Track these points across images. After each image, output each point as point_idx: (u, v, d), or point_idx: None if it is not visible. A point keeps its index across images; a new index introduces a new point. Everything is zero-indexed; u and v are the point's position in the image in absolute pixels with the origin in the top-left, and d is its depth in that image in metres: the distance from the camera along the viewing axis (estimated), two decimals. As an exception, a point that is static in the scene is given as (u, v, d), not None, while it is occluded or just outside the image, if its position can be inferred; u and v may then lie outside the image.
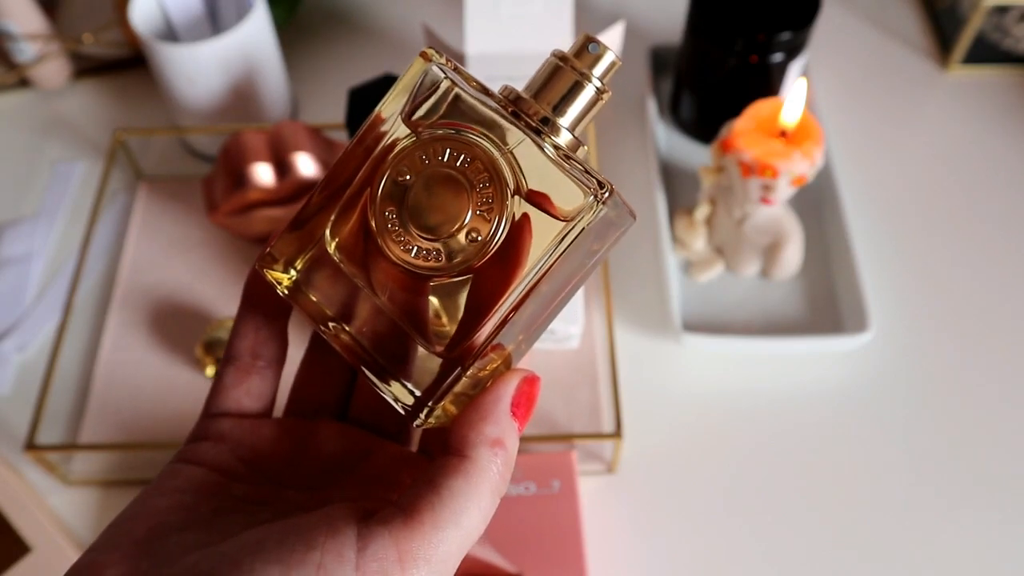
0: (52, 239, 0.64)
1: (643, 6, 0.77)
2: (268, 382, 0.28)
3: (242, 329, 0.28)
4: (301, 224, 0.26)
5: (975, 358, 0.57)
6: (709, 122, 0.63)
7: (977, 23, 0.68)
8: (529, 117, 0.25)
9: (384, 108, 0.26)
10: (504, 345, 0.25)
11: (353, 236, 0.26)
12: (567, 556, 0.48)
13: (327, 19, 0.77)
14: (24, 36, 0.69)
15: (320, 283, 0.26)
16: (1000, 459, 0.53)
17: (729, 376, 0.56)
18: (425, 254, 0.24)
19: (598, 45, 0.25)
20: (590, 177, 0.24)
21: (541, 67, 0.26)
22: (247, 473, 0.26)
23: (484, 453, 0.23)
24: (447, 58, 0.26)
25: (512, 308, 0.24)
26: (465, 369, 0.24)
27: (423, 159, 0.25)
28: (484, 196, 0.24)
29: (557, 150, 0.24)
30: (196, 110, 0.63)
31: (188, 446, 0.27)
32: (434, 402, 0.25)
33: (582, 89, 0.25)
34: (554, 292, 0.25)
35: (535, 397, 0.25)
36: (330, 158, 0.58)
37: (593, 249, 0.25)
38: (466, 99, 0.25)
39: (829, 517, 0.51)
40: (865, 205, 0.64)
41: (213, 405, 0.28)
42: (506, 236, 0.24)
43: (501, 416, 0.24)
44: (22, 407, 0.56)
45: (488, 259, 0.24)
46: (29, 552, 0.49)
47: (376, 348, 0.26)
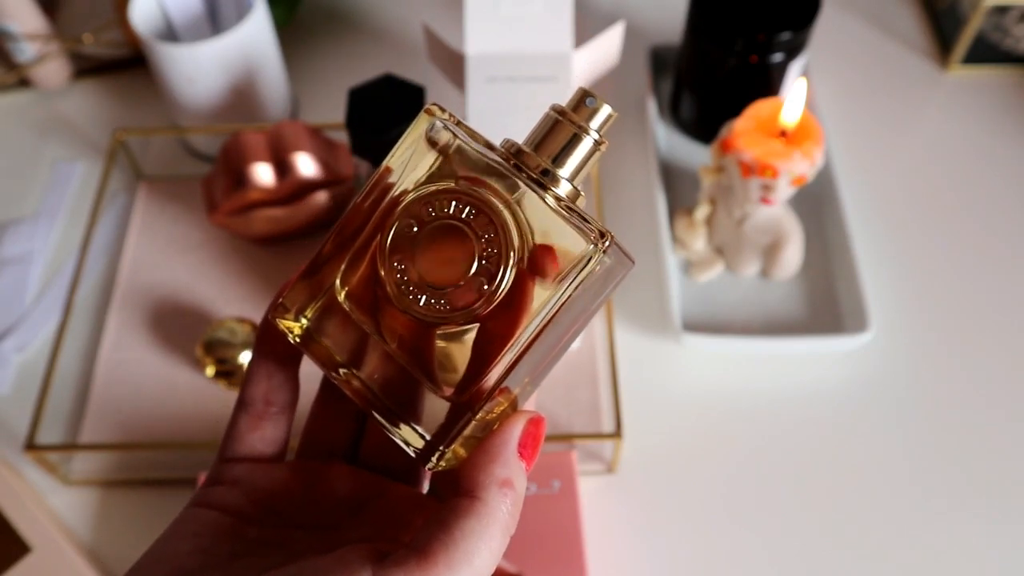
0: (52, 239, 0.64)
1: (643, 6, 0.77)
2: (281, 427, 0.29)
3: (255, 376, 0.28)
4: (312, 273, 0.27)
5: (975, 358, 0.57)
6: (709, 122, 0.63)
7: (977, 23, 0.68)
8: (530, 169, 0.26)
9: (391, 160, 0.27)
10: (511, 388, 0.26)
11: (363, 285, 0.27)
12: (567, 556, 0.48)
13: (327, 19, 0.77)
14: (24, 36, 0.69)
15: (331, 330, 0.27)
16: (1000, 459, 0.53)
17: (729, 376, 0.56)
18: (432, 303, 0.25)
19: (594, 99, 0.27)
20: (590, 226, 0.25)
21: (540, 121, 0.27)
22: (261, 516, 0.27)
23: (494, 494, 0.24)
24: (450, 113, 0.27)
25: (518, 354, 0.25)
26: (474, 413, 0.25)
27: (429, 211, 0.26)
28: (489, 246, 0.25)
29: (558, 200, 0.25)
30: (196, 110, 0.63)
31: (204, 490, 0.28)
32: (444, 446, 0.26)
33: (580, 141, 0.26)
34: (557, 337, 0.26)
35: (541, 437, 0.26)
36: (330, 158, 0.58)
37: (594, 294, 0.26)
38: (469, 153, 0.26)
39: (829, 517, 0.51)
40: (865, 205, 0.64)
41: (228, 450, 0.29)
42: (511, 284, 0.25)
43: (509, 458, 0.25)
44: (22, 407, 0.56)
45: (494, 307, 0.25)
46: (29, 552, 0.49)
47: (386, 393, 0.27)
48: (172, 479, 0.53)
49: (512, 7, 0.54)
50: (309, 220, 0.59)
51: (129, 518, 0.52)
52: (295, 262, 0.61)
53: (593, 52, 0.56)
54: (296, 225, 0.59)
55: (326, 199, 0.58)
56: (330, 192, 0.58)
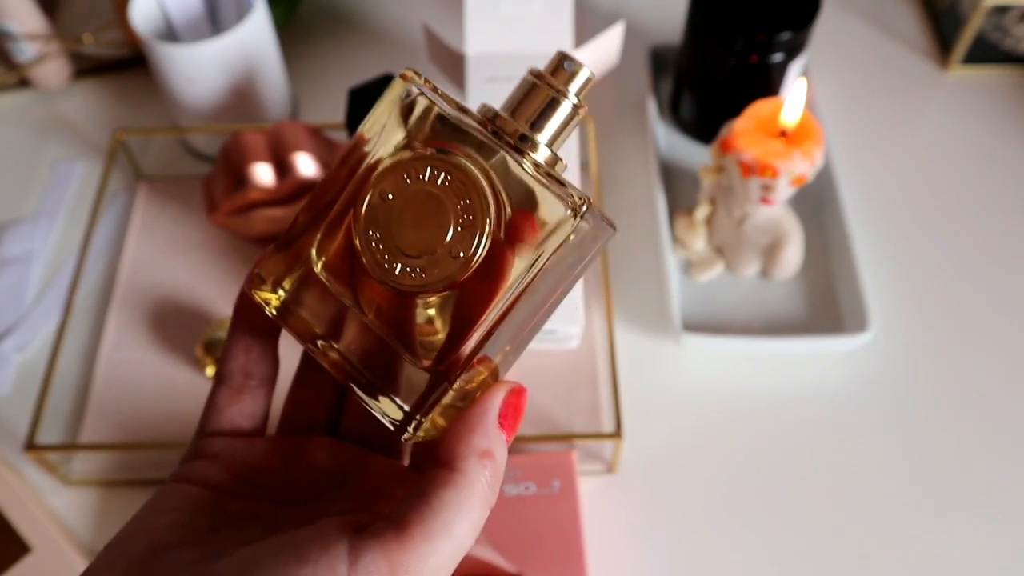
0: (52, 239, 0.64)
1: (643, 6, 0.77)
2: (260, 401, 0.29)
3: (233, 349, 0.28)
4: (288, 244, 0.27)
5: (975, 358, 0.57)
6: (709, 122, 0.63)
7: (977, 23, 0.68)
8: (507, 135, 0.26)
9: (365, 128, 0.26)
10: (491, 357, 0.26)
11: (339, 255, 0.26)
12: (567, 556, 0.48)
13: (327, 19, 0.77)
14: (24, 36, 0.69)
15: (308, 302, 0.27)
16: (1000, 459, 0.53)
17: (729, 376, 0.56)
18: (408, 272, 0.25)
19: (573, 62, 0.26)
20: (568, 191, 0.24)
21: (517, 85, 0.27)
22: (242, 490, 0.27)
23: (473, 465, 0.24)
24: (425, 78, 0.26)
25: (496, 321, 0.24)
26: (451, 382, 0.25)
27: (404, 178, 0.25)
28: (465, 213, 0.25)
29: (536, 166, 0.25)
30: (196, 110, 0.63)
31: (183, 465, 0.27)
32: (421, 415, 0.25)
33: (558, 105, 0.26)
34: (538, 303, 0.26)
35: (522, 408, 0.26)
36: (330, 158, 0.58)
37: (575, 261, 0.26)
38: (446, 118, 0.26)
39: (829, 517, 0.51)
40: (865, 205, 0.64)
41: (207, 424, 0.28)
42: (488, 251, 0.25)
43: (489, 428, 0.25)
44: (22, 407, 0.56)
45: (471, 275, 0.25)
46: (29, 552, 0.49)
47: (365, 364, 0.26)
48: (172, 479, 0.53)
49: (512, 7, 0.54)
50: (309, 220, 0.59)
51: (129, 518, 0.52)
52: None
53: (593, 52, 0.56)
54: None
55: (326, 199, 0.58)
56: (330, 192, 0.58)
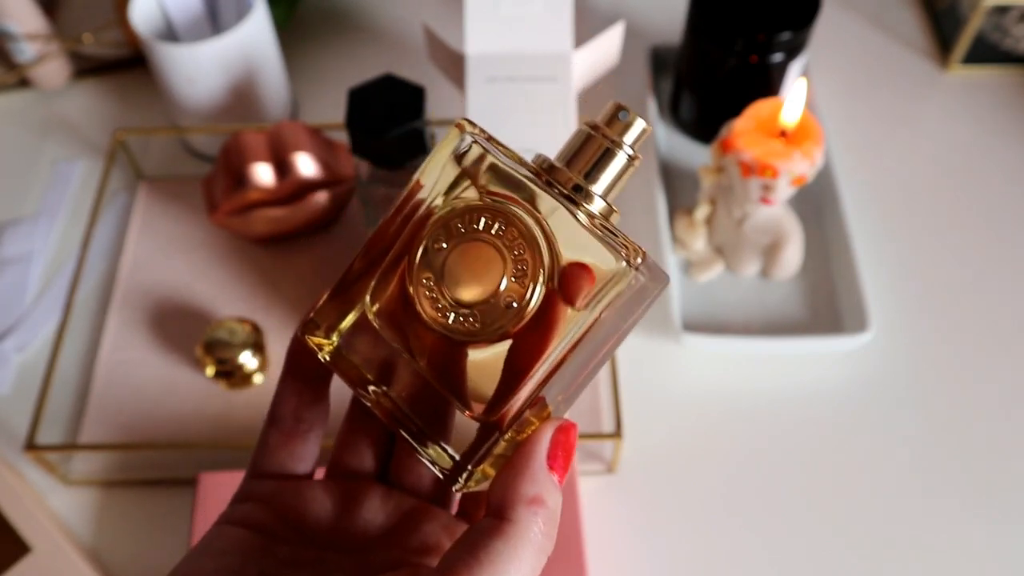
0: (52, 239, 0.64)
1: (643, 6, 0.77)
2: (311, 444, 0.29)
3: (285, 392, 0.28)
4: (343, 290, 0.27)
5: (975, 358, 0.57)
6: (709, 122, 0.63)
7: (977, 23, 0.68)
8: (562, 185, 0.26)
9: (422, 176, 0.26)
10: (544, 404, 0.25)
11: (393, 302, 0.26)
12: (567, 556, 0.48)
13: (327, 19, 0.77)
14: (24, 36, 0.69)
15: (361, 347, 0.27)
16: (1000, 459, 0.53)
17: (729, 376, 0.56)
18: (461, 320, 0.25)
19: (628, 113, 0.26)
20: (623, 243, 0.24)
21: (572, 136, 0.27)
22: (291, 535, 0.27)
23: (523, 513, 0.23)
24: (480, 128, 0.26)
25: (547, 373, 0.24)
26: (503, 433, 0.25)
27: (459, 227, 0.25)
28: (519, 263, 0.25)
29: (591, 217, 0.25)
30: (196, 110, 0.63)
31: (233, 507, 0.27)
32: (472, 466, 0.25)
33: (613, 156, 0.26)
34: (591, 355, 0.26)
35: (573, 446, 0.25)
36: (330, 158, 0.58)
37: (627, 312, 0.26)
38: (501, 168, 0.26)
39: (829, 517, 0.51)
40: (865, 205, 0.64)
41: (258, 466, 0.28)
42: (541, 302, 0.24)
43: (538, 472, 0.24)
44: (22, 407, 0.55)
45: (524, 325, 0.25)
46: (29, 552, 0.49)
47: (415, 411, 0.26)
48: (172, 479, 0.53)
49: (512, 7, 0.54)
50: (309, 220, 0.59)
51: (129, 518, 0.52)
52: (295, 262, 0.61)
53: (593, 52, 0.56)
54: (296, 225, 0.59)
55: (326, 199, 0.58)
56: (330, 192, 0.58)
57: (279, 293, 0.60)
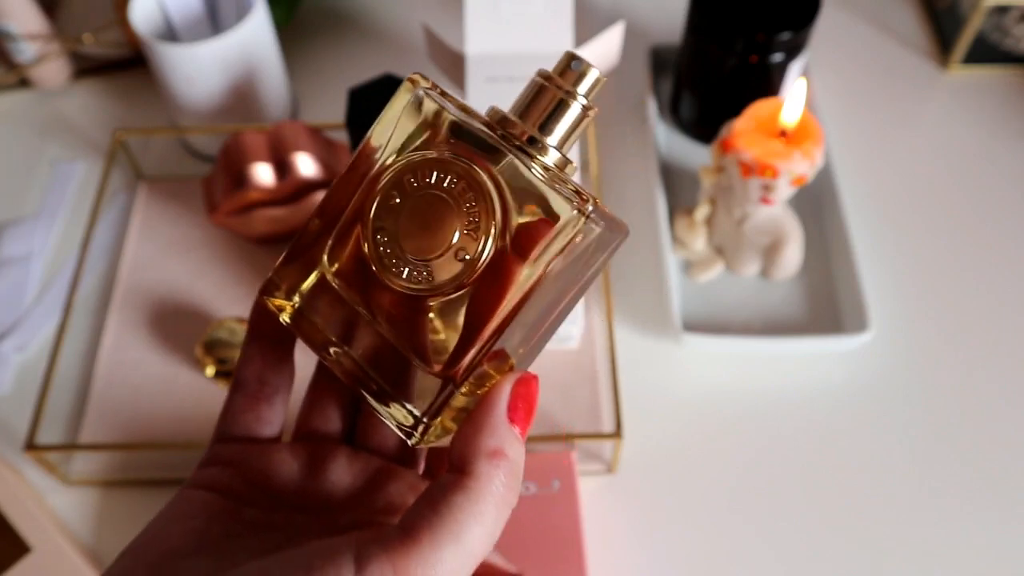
0: (52, 239, 0.64)
1: (643, 6, 0.77)
2: (276, 407, 0.28)
3: (249, 356, 0.28)
4: (301, 251, 0.27)
5: (975, 358, 0.57)
6: (709, 122, 0.63)
7: (977, 23, 0.68)
8: (516, 137, 0.26)
9: (374, 135, 0.26)
10: (505, 357, 0.25)
11: (351, 261, 0.26)
12: (567, 556, 0.48)
13: (327, 19, 0.77)
14: (24, 36, 0.69)
15: (322, 308, 0.27)
16: (1000, 458, 0.53)
17: (729, 376, 0.56)
18: (415, 275, 0.25)
19: (581, 62, 0.26)
20: (575, 192, 0.24)
21: (525, 87, 0.26)
22: (258, 498, 0.26)
23: (483, 466, 0.23)
24: (433, 82, 0.26)
25: (503, 324, 0.24)
26: (458, 385, 0.25)
27: (411, 182, 0.25)
28: (471, 215, 0.25)
29: (545, 169, 0.25)
30: (196, 110, 0.63)
31: (199, 471, 0.27)
32: (429, 419, 0.25)
33: (567, 107, 0.26)
34: (549, 305, 0.26)
35: (534, 398, 0.25)
36: (330, 158, 0.58)
37: (585, 263, 0.26)
38: (453, 121, 0.25)
39: (829, 517, 0.51)
40: (865, 205, 0.64)
41: (223, 430, 0.28)
42: (495, 254, 0.24)
43: (498, 425, 0.24)
44: (22, 407, 0.55)
45: (479, 277, 0.24)
46: (29, 552, 0.49)
47: (377, 371, 0.26)
48: (172, 479, 0.53)
49: (512, 7, 0.54)
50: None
51: (129, 518, 0.52)
52: (295, 262, 0.61)
53: (593, 52, 0.56)
54: (296, 225, 0.59)
55: (326, 199, 0.58)
56: (330, 192, 0.58)
57: (279, 293, 0.60)
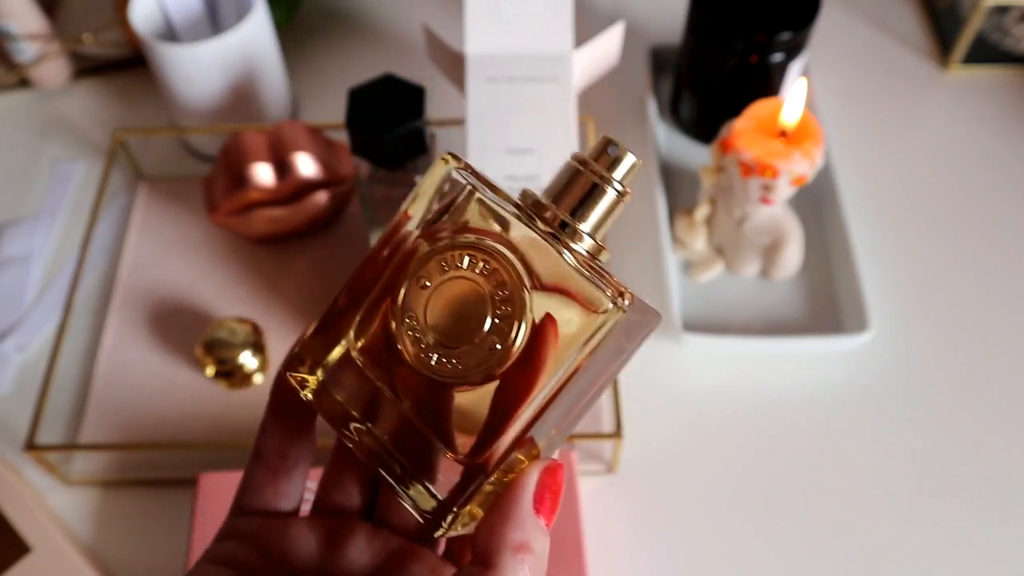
0: (52, 239, 0.64)
1: (643, 6, 0.77)
2: (296, 481, 0.28)
3: (270, 429, 0.28)
4: (328, 324, 0.26)
5: (975, 358, 0.57)
6: (709, 122, 0.63)
7: (977, 23, 0.68)
8: (548, 223, 0.25)
9: (410, 208, 0.26)
10: (534, 444, 0.25)
11: (377, 339, 0.26)
12: (567, 556, 0.48)
13: (327, 19, 0.77)
14: (24, 36, 0.69)
15: (346, 383, 0.26)
16: (1000, 458, 0.53)
17: (729, 376, 0.56)
18: (444, 362, 0.24)
19: (617, 147, 0.25)
20: (608, 283, 0.23)
21: (560, 171, 0.26)
22: (275, 573, 0.26)
23: (508, 561, 0.23)
24: (465, 163, 0.26)
25: (534, 415, 0.24)
26: (488, 476, 0.24)
27: (442, 265, 0.25)
28: (504, 303, 0.24)
29: (576, 256, 0.24)
30: (196, 110, 0.63)
31: (216, 545, 0.27)
32: (458, 508, 0.24)
33: (602, 193, 0.25)
34: (579, 394, 0.25)
35: (560, 488, 0.25)
36: (330, 158, 0.58)
37: (617, 350, 0.25)
38: (486, 204, 0.25)
39: (829, 517, 0.51)
40: (865, 205, 0.64)
41: (242, 503, 0.28)
42: (527, 344, 0.24)
43: (524, 518, 0.23)
44: (22, 407, 0.55)
45: (509, 366, 0.24)
46: (29, 552, 0.49)
47: (400, 451, 0.25)
48: (172, 479, 0.53)
49: (512, 7, 0.54)
50: (309, 220, 0.59)
51: (129, 518, 0.52)
52: (295, 262, 0.61)
53: (593, 52, 0.56)
54: (296, 225, 0.59)
55: (326, 199, 0.58)
56: (330, 192, 0.58)
57: (279, 293, 0.60)
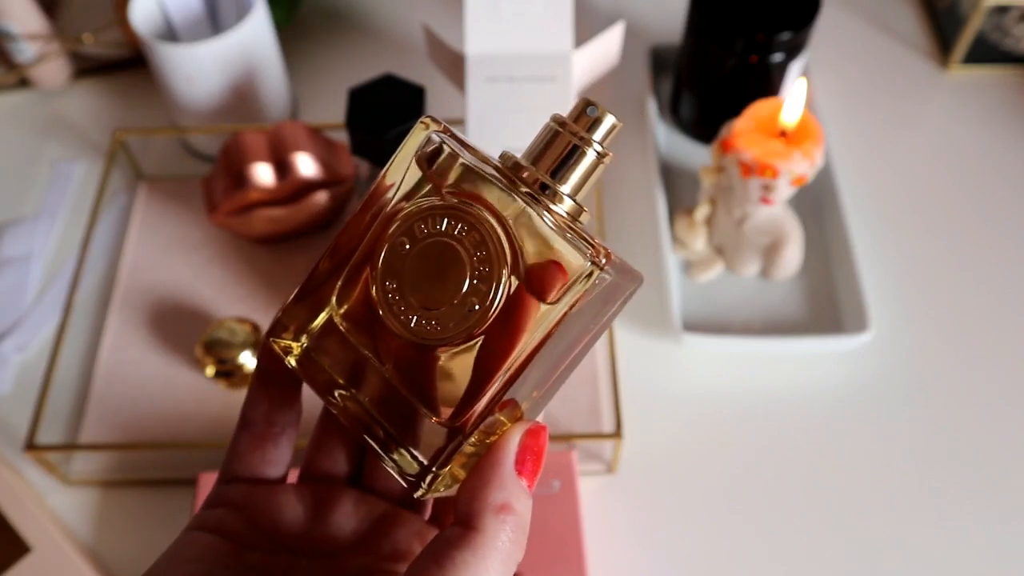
0: (52, 239, 0.64)
1: (643, 6, 0.77)
2: (283, 448, 0.28)
3: (256, 396, 0.28)
4: (311, 290, 0.26)
5: (975, 358, 0.57)
6: (709, 122, 0.63)
7: (977, 23, 0.68)
8: (528, 184, 0.25)
9: (388, 174, 0.26)
10: (516, 406, 0.25)
11: (359, 304, 0.26)
12: (567, 556, 0.48)
13: (327, 19, 0.77)
14: (24, 36, 0.69)
15: (330, 350, 0.26)
16: (1000, 458, 0.53)
17: (729, 376, 0.56)
18: (424, 324, 0.24)
19: (596, 108, 0.25)
20: (588, 243, 0.23)
21: (540, 133, 0.26)
22: (262, 541, 0.26)
23: (490, 521, 0.23)
24: (445, 125, 0.26)
25: (514, 374, 0.24)
26: (466, 436, 0.24)
27: (421, 228, 0.25)
28: (482, 264, 0.24)
29: (556, 217, 0.24)
30: (196, 110, 0.63)
31: (203, 512, 0.27)
32: (437, 468, 0.24)
33: (582, 154, 0.25)
34: (561, 354, 0.25)
35: (543, 450, 0.24)
36: (330, 158, 0.58)
37: (598, 311, 0.25)
38: (466, 166, 0.25)
39: (829, 517, 0.51)
40: (865, 205, 0.64)
41: (228, 471, 0.28)
42: (505, 304, 0.24)
43: (505, 478, 0.23)
44: (22, 407, 0.55)
45: (488, 327, 0.24)
46: (29, 552, 0.49)
47: (384, 416, 0.25)
48: (172, 479, 0.53)
49: (512, 7, 0.54)
50: (309, 220, 0.59)
51: (129, 518, 0.52)
52: (295, 262, 0.61)
53: (593, 52, 0.56)
54: (296, 225, 0.59)
55: (326, 199, 0.58)
56: (330, 192, 0.58)
57: (279, 293, 0.60)
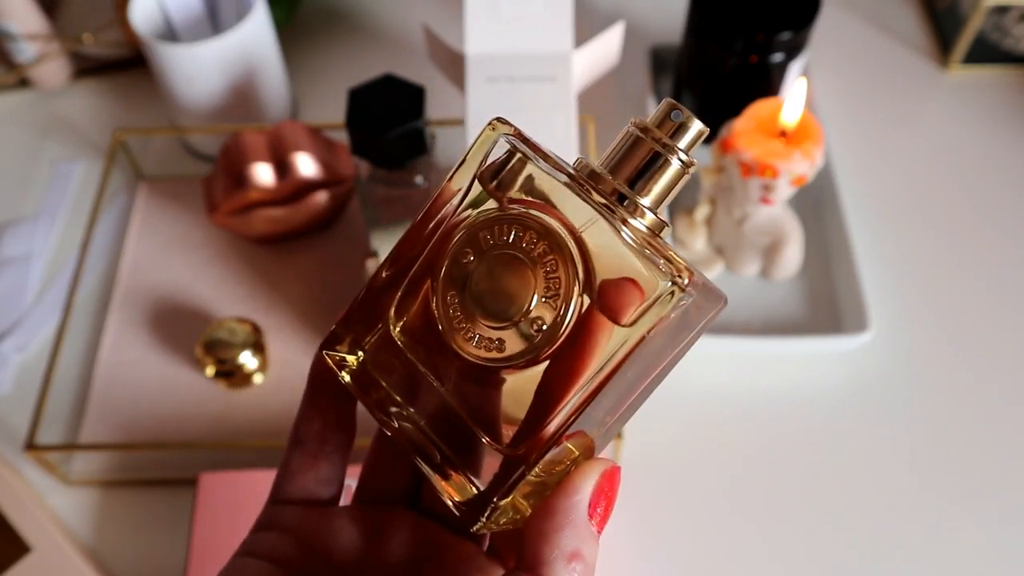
0: (52, 239, 0.64)
1: (643, 6, 0.77)
2: (336, 468, 0.26)
3: (309, 412, 0.26)
4: (368, 300, 0.25)
5: (975, 358, 0.57)
6: (709, 122, 0.63)
7: (977, 23, 0.68)
8: (604, 194, 0.23)
9: (454, 179, 0.24)
10: (585, 435, 0.23)
11: (418, 318, 0.24)
12: (567, 556, 0.48)
13: (327, 19, 0.77)
14: (24, 36, 0.69)
15: (386, 364, 0.24)
16: (1000, 458, 0.53)
17: (729, 376, 0.56)
18: (487, 343, 0.22)
19: (681, 112, 0.23)
20: (668, 262, 0.21)
21: (619, 138, 0.24)
22: (316, 568, 0.25)
23: (561, 570, 0.21)
24: (515, 128, 0.24)
25: (582, 402, 0.21)
26: (529, 467, 0.22)
27: (487, 238, 0.23)
28: (551, 280, 0.22)
29: (633, 231, 0.22)
30: (196, 110, 0.63)
31: (254, 536, 0.26)
32: (498, 500, 0.22)
33: (665, 163, 0.23)
34: (636, 379, 0.23)
35: (615, 493, 0.23)
36: (330, 158, 0.58)
37: (678, 334, 0.23)
38: (536, 173, 0.23)
39: (829, 517, 0.51)
40: (865, 205, 0.64)
41: (280, 491, 0.26)
42: (574, 324, 0.22)
43: (579, 524, 0.21)
44: (22, 407, 0.55)
45: (556, 349, 0.22)
46: (29, 552, 0.49)
47: (441, 438, 0.23)
48: (172, 479, 0.53)
49: (512, 7, 0.54)
50: (309, 220, 0.59)
51: (129, 518, 0.52)
52: (295, 262, 0.61)
53: (593, 52, 0.56)
54: (296, 225, 0.59)
55: (326, 199, 0.58)
56: (330, 192, 0.58)
57: (279, 293, 0.60)
